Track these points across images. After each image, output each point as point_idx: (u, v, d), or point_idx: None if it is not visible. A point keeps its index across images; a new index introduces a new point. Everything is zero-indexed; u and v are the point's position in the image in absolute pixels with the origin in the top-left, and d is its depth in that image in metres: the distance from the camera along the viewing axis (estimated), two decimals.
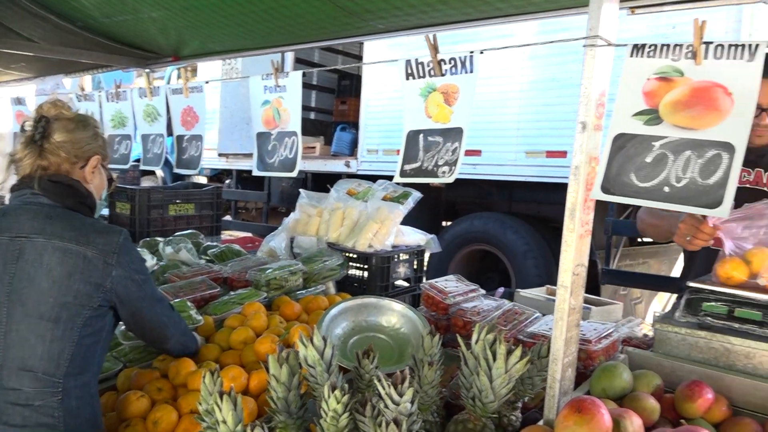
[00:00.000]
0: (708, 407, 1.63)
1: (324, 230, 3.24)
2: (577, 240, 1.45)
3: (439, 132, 1.84)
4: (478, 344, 1.51)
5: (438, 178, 1.80)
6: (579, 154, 1.43)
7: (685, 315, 1.88)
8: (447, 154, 1.81)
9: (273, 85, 2.39)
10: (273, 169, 2.40)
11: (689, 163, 1.35)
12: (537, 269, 5.53)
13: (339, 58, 8.79)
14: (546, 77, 5.23)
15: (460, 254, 6.20)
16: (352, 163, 6.76)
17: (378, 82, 6.56)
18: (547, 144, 5.24)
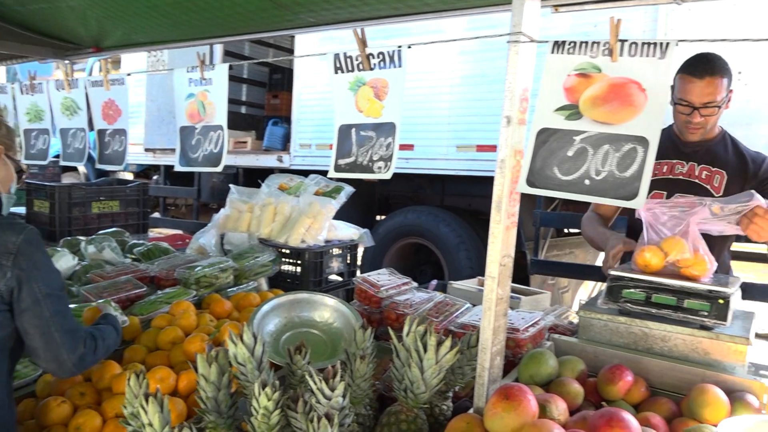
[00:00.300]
0: (628, 389, 1.71)
1: (255, 226, 3.20)
2: (503, 232, 1.49)
3: (372, 127, 1.85)
4: (409, 336, 1.53)
5: (374, 174, 1.81)
6: (504, 148, 1.47)
7: (607, 302, 1.97)
8: (381, 149, 1.82)
9: (198, 78, 2.33)
10: (197, 165, 2.34)
11: (607, 156, 1.41)
12: (469, 261, 5.64)
13: (270, 51, 8.66)
14: (476, 73, 5.33)
15: (394, 248, 6.25)
16: (285, 158, 6.69)
17: (310, 76, 6.51)
18: (477, 138, 5.34)
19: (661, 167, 2.41)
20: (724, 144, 2.40)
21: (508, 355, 1.95)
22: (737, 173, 2.32)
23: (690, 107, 2.23)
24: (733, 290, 1.82)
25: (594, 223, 2.59)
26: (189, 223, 7.79)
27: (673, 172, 2.39)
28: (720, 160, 2.35)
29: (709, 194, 2.30)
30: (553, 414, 1.47)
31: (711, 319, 1.80)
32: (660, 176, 2.39)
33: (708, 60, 2.20)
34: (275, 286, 2.96)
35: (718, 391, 1.61)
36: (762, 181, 2.32)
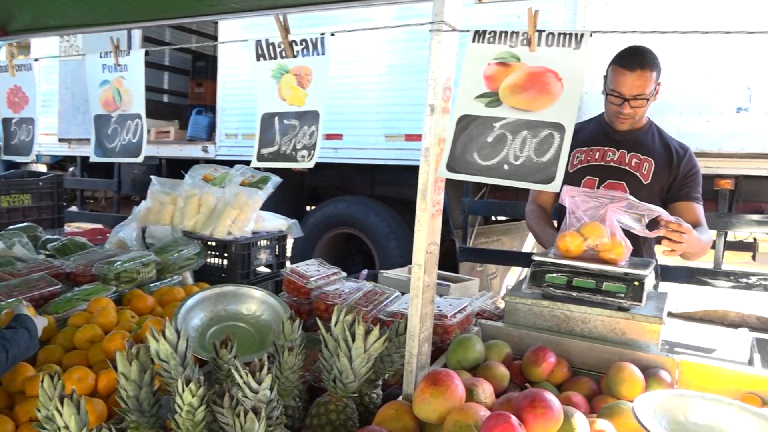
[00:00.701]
0: (551, 370, 1.78)
1: (179, 218, 3.11)
2: (429, 219, 1.51)
3: (295, 115, 1.82)
4: (337, 326, 1.53)
5: (298, 163, 1.79)
6: (428, 136, 1.49)
7: (531, 286, 2.03)
8: (305, 138, 1.80)
9: (113, 64, 2.23)
10: (114, 155, 2.24)
11: (526, 142, 1.45)
12: (400, 250, 5.69)
13: (193, 37, 8.40)
14: (403, 62, 5.36)
15: (324, 238, 6.23)
16: (210, 148, 6.53)
17: (235, 63, 6.36)
18: (405, 127, 5.38)
19: (593, 153, 2.51)
20: (651, 134, 2.52)
21: (437, 342, 1.99)
22: (664, 162, 2.45)
23: (621, 98, 2.33)
24: (647, 272, 1.92)
25: (538, 219, 2.65)
26: (109, 216, 7.49)
27: (605, 158, 2.49)
28: (648, 149, 2.47)
29: (639, 181, 2.42)
30: (479, 397, 1.51)
31: (627, 301, 1.88)
32: (593, 162, 2.50)
33: (639, 54, 2.30)
34: (201, 279, 2.89)
35: (634, 369, 1.69)
36: (684, 175, 2.45)
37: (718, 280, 4.53)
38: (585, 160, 2.50)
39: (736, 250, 5.45)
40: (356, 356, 1.49)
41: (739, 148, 4.14)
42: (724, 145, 4.17)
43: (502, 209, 5.70)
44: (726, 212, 4.53)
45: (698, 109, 4.21)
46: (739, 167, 4.31)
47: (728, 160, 4.25)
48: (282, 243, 3.30)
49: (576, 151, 2.52)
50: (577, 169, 2.51)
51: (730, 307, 7.81)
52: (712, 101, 4.17)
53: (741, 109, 4.09)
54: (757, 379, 1.71)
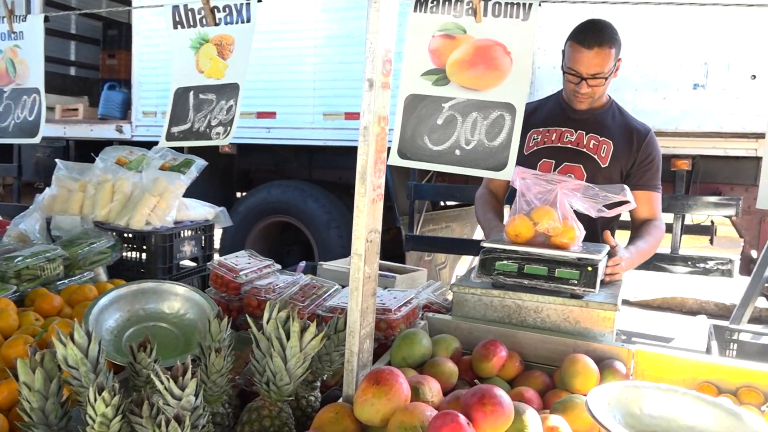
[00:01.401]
0: (502, 365, 1.82)
1: (89, 207, 3.02)
2: (369, 205, 1.52)
3: (212, 89, 1.79)
4: (270, 323, 1.52)
5: (212, 141, 1.76)
6: (367, 114, 1.49)
7: (481, 275, 2.07)
8: (221, 113, 1.77)
9: (6, 31, 2.12)
10: (7, 135, 2.15)
11: (476, 124, 1.48)
12: (341, 239, 5.69)
13: (103, 2, 8.13)
14: (342, 33, 5.33)
15: (257, 228, 6.17)
16: (126, 128, 6.36)
17: (153, 32, 6.19)
18: (345, 105, 5.36)
19: (550, 135, 2.56)
20: (612, 113, 2.58)
21: (380, 338, 2.00)
22: (623, 144, 2.52)
23: (578, 77, 2.38)
24: (600, 257, 1.98)
25: (484, 205, 2.71)
26: (8, 206, 7.19)
27: (562, 140, 2.54)
28: (607, 130, 2.53)
29: (597, 164, 2.48)
30: (426, 396, 1.53)
31: (581, 287, 1.95)
32: (549, 144, 2.55)
33: (597, 29, 2.33)
34: (116, 276, 2.82)
35: (588, 361, 1.75)
36: (644, 160, 2.52)
37: (676, 265, 4.73)
38: (541, 142, 2.57)
39: (693, 234, 5.69)
40: (291, 356, 1.49)
41: (696, 127, 4.31)
42: (681, 123, 4.34)
43: (451, 194, 5.78)
44: (683, 194, 4.72)
45: (654, 85, 4.36)
46: (696, 147, 4.50)
47: (685, 139, 4.43)
48: (208, 233, 3.25)
49: (532, 132, 2.58)
50: (533, 151, 2.57)
51: (688, 294, 8.16)
52: (668, 77, 4.33)
53: (698, 86, 4.26)
54: (713, 368, 1.80)
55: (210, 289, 2.41)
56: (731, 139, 4.35)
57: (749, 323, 4.81)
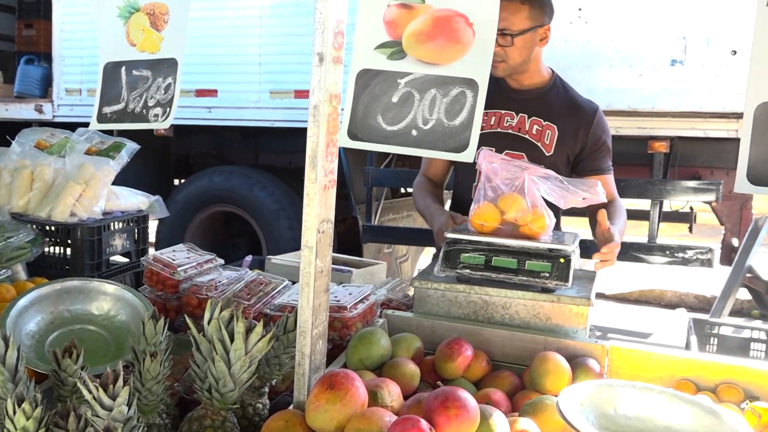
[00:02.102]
0: (468, 365, 1.85)
1: (5, 197, 2.95)
2: (320, 192, 1.51)
3: (147, 64, 1.77)
4: (211, 324, 1.51)
5: (150, 123, 1.74)
6: (317, 92, 1.48)
7: (444, 269, 2.09)
8: (159, 92, 1.75)
9: None
10: None
11: (435, 102, 1.48)
12: (292, 231, 5.68)
13: None
14: (290, 2, 5.30)
15: (197, 219, 6.11)
16: (46, 108, 6.22)
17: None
18: (294, 82, 5.34)
19: (488, 119, 2.55)
20: (556, 91, 2.59)
21: (335, 338, 2.01)
22: (569, 129, 2.52)
23: None
24: (573, 248, 2.02)
25: (423, 193, 2.71)
26: None
27: (502, 124, 2.55)
28: (552, 112, 2.54)
29: (540, 152, 2.48)
30: (385, 400, 1.55)
31: (552, 281, 1.98)
32: (488, 129, 2.54)
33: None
34: (37, 274, 2.76)
35: (560, 359, 1.79)
36: (594, 143, 2.55)
37: (653, 255, 4.85)
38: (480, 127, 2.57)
39: (671, 221, 5.84)
40: (236, 359, 1.48)
41: (674, 106, 4.42)
42: (658, 102, 4.44)
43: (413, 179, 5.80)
44: (660, 179, 4.83)
45: (630, 61, 4.45)
46: (674, 127, 4.61)
47: (663, 119, 4.54)
48: (142, 225, 3.20)
49: None
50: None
51: (666, 286, 8.38)
52: (644, 52, 4.42)
53: (676, 62, 4.37)
54: (692, 364, 1.86)
55: (144, 287, 2.39)
56: (711, 119, 4.48)
57: (730, 316, 4.96)
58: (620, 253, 2.51)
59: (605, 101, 4.44)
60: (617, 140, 5.68)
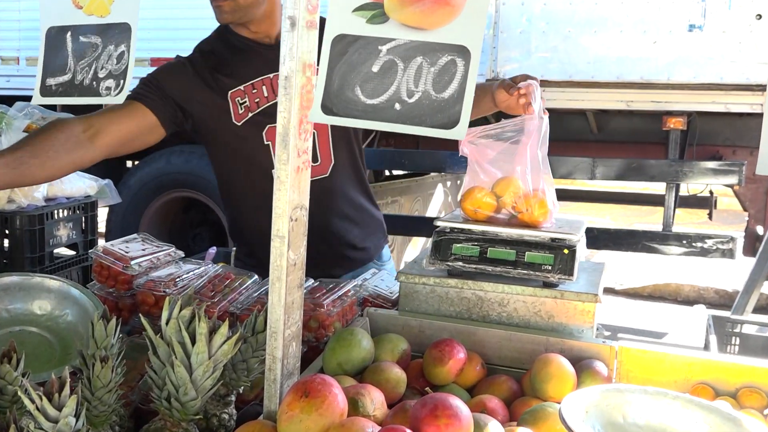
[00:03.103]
0: (460, 369, 1.86)
1: None
2: (293, 174, 1.51)
3: (96, 30, 1.75)
4: (170, 325, 1.51)
5: (101, 98, 1.73)
6: (289, 60, 1.48)
7: (434, 261, 2.10)
8: (110, 62, 1.73)
9: None
10: None
11: (421, 72, 1.48)
12: None
13: None
14: None
15: (154, 206, 6.09)
16: None
17: None
18: None
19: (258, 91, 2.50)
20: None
21: (310, 340, 2.02)
22: None
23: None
24: (578, 237, 2.04)
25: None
26: None
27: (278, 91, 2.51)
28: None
29: None
30: (367, 409, 1.55)
31: (555, 274, 1.99)
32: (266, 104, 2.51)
33: None
34: None
35: (563, 362, 1.80)
36: None
37: (668, 245, 4.89)
38: (253, 106, 2.51)
39: (689, 207, 5.89)
40: (198, 364, 1.48)
41: (692, 77, 4.44)
42: (675, 72, 4.46)
43: (398, 161, 5.82)
44: (677, 159, 4.86)
45: (643, 26, 4.47)
46: (692, 101, 4.64)
47: (679, 92, 4.56)
48: (90, 213, 3.19)
49: (231, 94, 2.50)
50: (247, 120, 2.51)
51: (683, 280, 8.46)
52: (659, 17, 4.43)
53: (694, 27, 4.38)
54: (710, 366, 1.88)
55: (93, 283, 2.38)
56: (733, 91, 4.49)
57: (754, 313, 5.01)
58: (632, 243, 2.54)
59: (614, 72, 4.46)
60: (628, 116, 5.73)
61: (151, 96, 2.43)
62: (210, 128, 2.58)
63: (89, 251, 2.60)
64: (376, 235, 2.93)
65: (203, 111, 2.52)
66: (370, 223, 2.88)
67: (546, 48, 4.86)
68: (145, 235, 2.59)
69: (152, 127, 2.44)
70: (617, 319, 6.82)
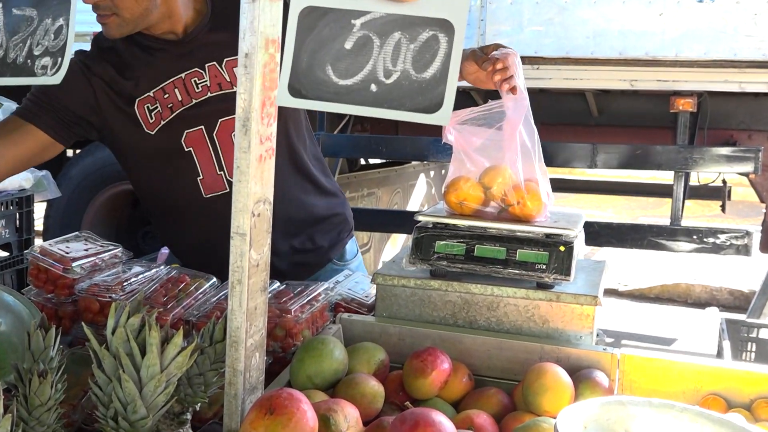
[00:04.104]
0: (444, 381, 1.86)
1: None
2: (255, 164, 1.51)
3: (31, 1, 1.73)
4: (116, 334, 1.51)
5: (37, 78, 1.72)
6: (249, 36, 1.48)
7: (415, 260, 2.10)
8: (47, 37, 1.72)
9: None
10: None
11: (400, 49, 1.48)
12: None
13: None
14: None
15: (98, 200, 6.06)
16: None
17: None
18: None
19: (170, 96, 2.45)
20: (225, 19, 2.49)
21: (276, 350, 2.02)
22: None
23: None
24: (576, 231, 2.05)
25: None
26: None
27: (193, 92, 2.47)
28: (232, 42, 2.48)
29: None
30: (340, 427, 1.56)
31: (550, 274, 2.01)
32: (179, 109, 2.47)
33: None
34: None
35: (559, 372, 1.81)
36: None
37: (677, 241, 4.92)
38: (166, 112, 2.47)
39: (700, 198, 5.93)
40: (148, 379, 1.48)
41: (702, 53, 4.47)
42: (683, 48, 4.49)
43: (375, 148, 5.81)
44: (686, 145, 4.89)
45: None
46: (703, 80, 4.66)
47: (688, 70, 4.59)
48: (26, 209, 3.18)
49: (139, 102, 2.46)
50: (160, 128, 2.47)
51: (694, 280, 8.54)
52: None
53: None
54: (722, 375, 1.90)
55: (30, 288, 2.37)
56: (748, 69, 4.52)
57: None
58: (636, 239, 2.55)
59: (617, 47, 4.48)
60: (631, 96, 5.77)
61: (42, 114, 2.40)
62: (119, 139, 2.56)
63: (24, 252, 2.59)
64: (334, 231, 2.85)
65: (107, 121, 2.49)
66: (323, 216, 2.80)
67: (540, 21, 4.86)
68: (88, 234, 2.58)
69: (47, 146, 2.43)
70: (621, 323, 6.87)
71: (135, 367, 1.48)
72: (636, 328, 6.87)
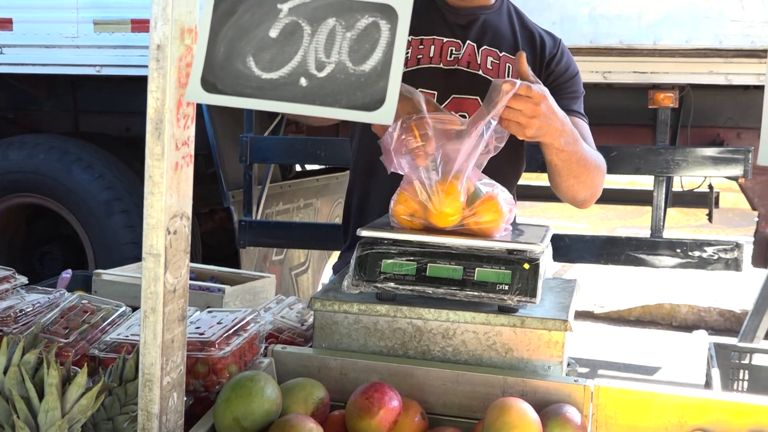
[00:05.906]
0: (393, 421, 1.87)
1: None
2: (169, 173, 1.51)
3: None
4: (9, 373, 1.50)
5: None
6: (162, 24, 1.47)
7: (358, 282, 2.10)
8: None
9: None
10: None
11: (334, 38, 1.49)
12: (132, 231, 5.62)
13: None
14: None
15: None
16: None
17: None
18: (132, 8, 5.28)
19: (426, 47, 2.61)
20: (507, 14, 2.70)
21: (198, 389, 2.00)
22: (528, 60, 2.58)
23: None
24: (543, 247, 2.07)
25: None
26: None
27: (445, 58, 2.61)
28: (506, 41, 2.64)
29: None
30: None
31: (513, 296, 2.02)
32: (426, 64, 2.60)
33: None
34: None
35: (525, 408, 1.83)
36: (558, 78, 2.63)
37: (659, 255, 4.97)
38: (413, 60, 2.63)
39: (684, 206, 6.00)
40: (47, 425, 1.47)
41: (684, 41, 4.53)
42: (663, 34, 4.55)
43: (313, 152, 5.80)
44: (667, 145, 4.96)
45: None
46: (685, 71, 4.73)
47: (668, 60, 4.65)
48: None
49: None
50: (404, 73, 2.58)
51: (679, 300, 8.65)
52: None
53: None
54: (710, 407, 1.93)
55: None
56: (735, 59, 4.58)
57: (766, 339, 5.13)
58: (613, 253, 2.58)
59: (587, 34, 4.52)
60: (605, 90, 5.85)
61: None
62: None
63: None
64: None
65: None
66: None
67: None
68: None
69: None
70: (596, 351, 6.94)
71: (32, 412, 1.47)
72: (614, 356, 6.94)
